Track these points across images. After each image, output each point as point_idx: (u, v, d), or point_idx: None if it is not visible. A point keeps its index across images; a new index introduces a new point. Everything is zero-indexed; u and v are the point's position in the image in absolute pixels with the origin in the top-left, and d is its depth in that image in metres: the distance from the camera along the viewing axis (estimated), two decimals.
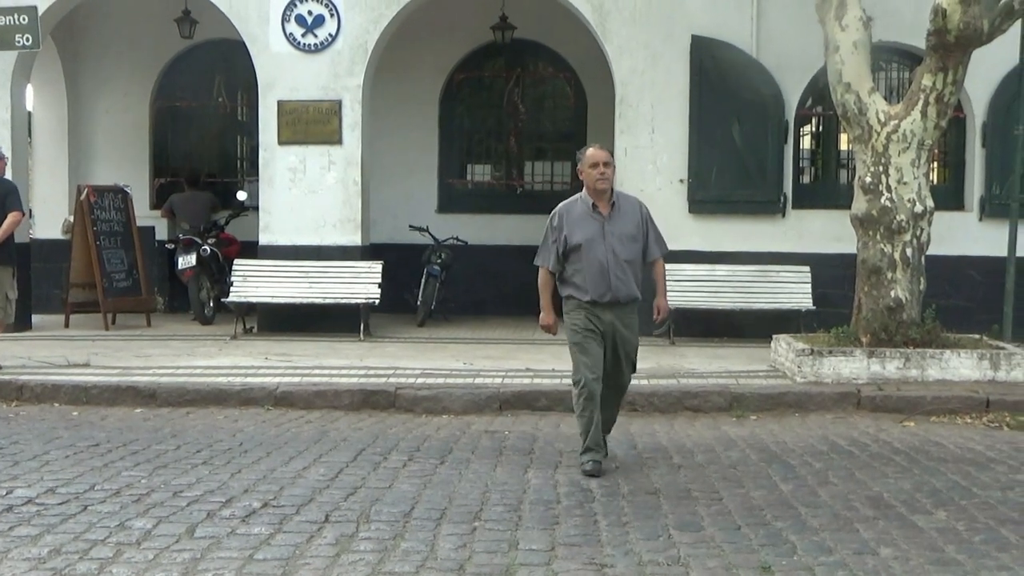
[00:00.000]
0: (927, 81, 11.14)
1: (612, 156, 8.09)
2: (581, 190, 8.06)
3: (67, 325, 15.36)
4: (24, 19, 13.44)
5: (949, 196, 14.55)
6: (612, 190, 7.96)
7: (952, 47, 10.85)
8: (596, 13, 14.50)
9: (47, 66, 17.14)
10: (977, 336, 11.98)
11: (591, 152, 7.93)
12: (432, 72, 17.51)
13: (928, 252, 11.55)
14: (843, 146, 15.37)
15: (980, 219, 14.51)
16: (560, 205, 8.05)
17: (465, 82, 17.87)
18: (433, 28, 16.70)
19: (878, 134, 11.32)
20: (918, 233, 11.31)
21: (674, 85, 14.40)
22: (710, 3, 14.41)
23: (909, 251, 11.28)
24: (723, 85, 14.26)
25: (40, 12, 14.08)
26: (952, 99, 11.26)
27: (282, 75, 14.78)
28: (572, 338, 7.95)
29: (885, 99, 11.93)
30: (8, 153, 14.58)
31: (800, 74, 14.38)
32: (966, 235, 14.41)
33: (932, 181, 13.63)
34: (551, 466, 7.96)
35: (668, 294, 9.02)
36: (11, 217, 11.69)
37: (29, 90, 16.21)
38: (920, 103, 11.16)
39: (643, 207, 8.08)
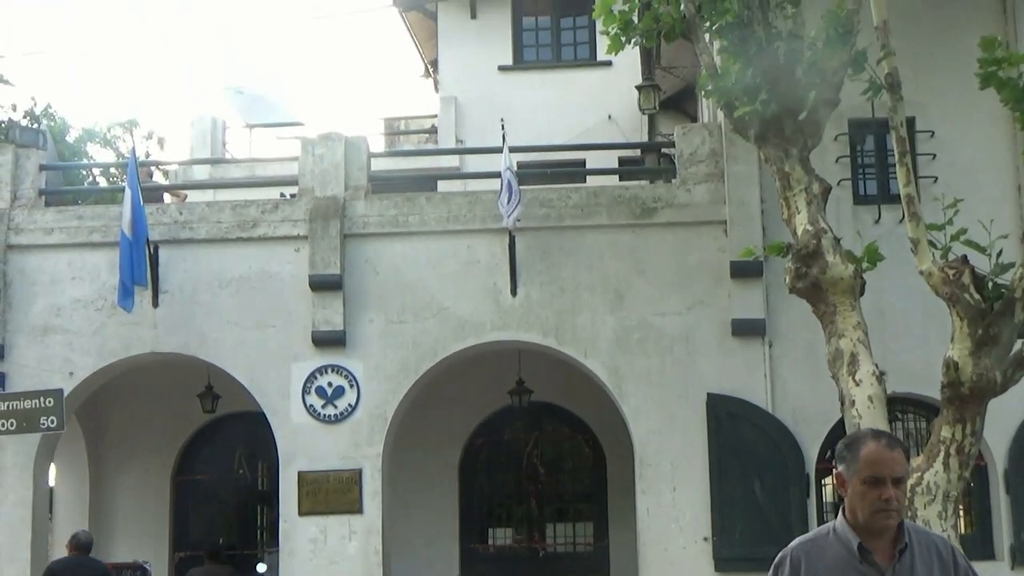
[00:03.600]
0: (946, 433, 11.15)
1: (907, 457, 4.67)
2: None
3: None
4: (49, 402, 13.63)
5: (977, 545, 14.31)
6: (902, 525, 4.64)
7: (967, 398, 10.92)
8: (611, 375, 14.73)
9: (70, 443, 17.31)
10: None
11: (871, 451, 4.57)
12: (451, 438, 17.65)
13: None
14: None
15: (1012, 568, 14.22)
16: (795, 544, 4.75)
17: (484, 447, 18.00)
18: (451, 395, 16.91)
19: None
20: None
21: (693, 443, 14.45)
22: (723, 362, 14.64)
23: None
24: (741, 441, 14.31)
25: (65, 393, 14.35)
26: (973, 449, 11.22)
27: (302, 446, 14.88)
28: None
29: None
30: (28, 532, 14.55)
31: (817, 427, 14.44)
32: None
33: (959, 531, 13.45)
34: None
35: None
36: None
37: (51, 467, 16.32)
38: (941, 455, 11.12)
39: (957, 554, 4.75)
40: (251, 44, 65.84)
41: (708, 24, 12.79)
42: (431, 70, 26.56)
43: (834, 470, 4.65)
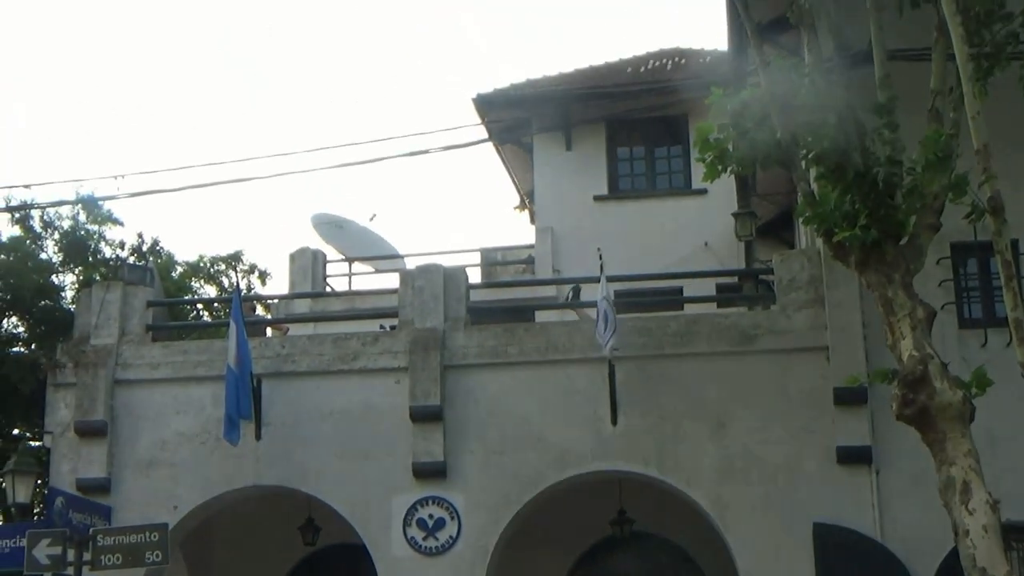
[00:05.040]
0: None
1: None
2: None
3: None
4: (154, 536, 13.65)
5: None
6: None
7: None
8: (715, 505, 14.50)
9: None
10: None
11: None
12: (552, 570, 17.45)
13: None
14: None
15: None
16: None
17: None
18: (552, 526, 16.74)
19: None
20: None
21: (800, 574, 14.10)
22: (829, 490, 14.35)
23: None
24: (850, 572, 13.94)
25: (169, 527, 14.40)
26: None
27: None
28: None
29: None
30: None
31: (930, 558, 14.00)
32: None
33: None
34: None
35: None
36: None
37: None
38: None
39: None
40: (350, 179, 67.23)
41: (804, 151, 12.78)
42: (527, 201, 26.85)
43: None
